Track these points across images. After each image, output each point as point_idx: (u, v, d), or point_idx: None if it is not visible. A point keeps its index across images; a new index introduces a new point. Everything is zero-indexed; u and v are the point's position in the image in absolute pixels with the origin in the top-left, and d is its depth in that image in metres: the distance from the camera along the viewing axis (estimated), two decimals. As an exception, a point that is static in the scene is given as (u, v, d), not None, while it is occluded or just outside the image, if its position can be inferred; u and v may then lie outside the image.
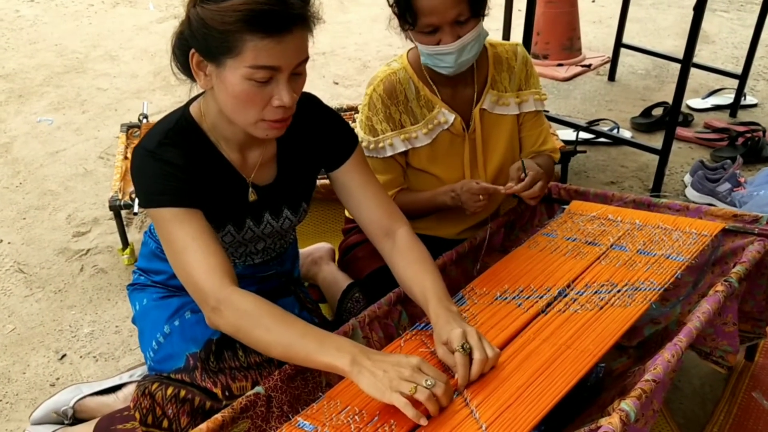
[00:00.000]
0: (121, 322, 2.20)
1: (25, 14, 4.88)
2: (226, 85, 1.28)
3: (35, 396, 1.94)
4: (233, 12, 1.20)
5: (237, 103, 1.29)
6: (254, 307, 1.27)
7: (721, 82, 3.72)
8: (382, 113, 1.81)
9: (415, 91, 1.82)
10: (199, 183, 1.37)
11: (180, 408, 1.40)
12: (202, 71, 1.31)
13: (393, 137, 1.82)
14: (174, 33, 1.34)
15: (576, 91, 3.81)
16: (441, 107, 1.82)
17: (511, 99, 1.88)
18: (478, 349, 1.27)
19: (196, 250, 1.31)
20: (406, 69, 1.82)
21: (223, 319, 1.29)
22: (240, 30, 1.21)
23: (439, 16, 1.63)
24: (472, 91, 1.85)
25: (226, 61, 1.25)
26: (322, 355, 1.21)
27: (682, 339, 1.33)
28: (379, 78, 1.82)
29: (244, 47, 1.22)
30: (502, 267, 1.68)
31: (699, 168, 2.82)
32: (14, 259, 2.51)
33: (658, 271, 1.56)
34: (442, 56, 1.70)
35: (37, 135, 3.38)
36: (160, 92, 3.82)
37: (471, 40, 1.68)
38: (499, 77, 1.87)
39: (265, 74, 1.25)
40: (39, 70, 4.08)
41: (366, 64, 4.18)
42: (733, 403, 1.80)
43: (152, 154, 1.35)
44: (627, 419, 1.14)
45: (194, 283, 1.31)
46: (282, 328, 1.25)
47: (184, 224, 1.33)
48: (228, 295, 1.28)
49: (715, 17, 4.88)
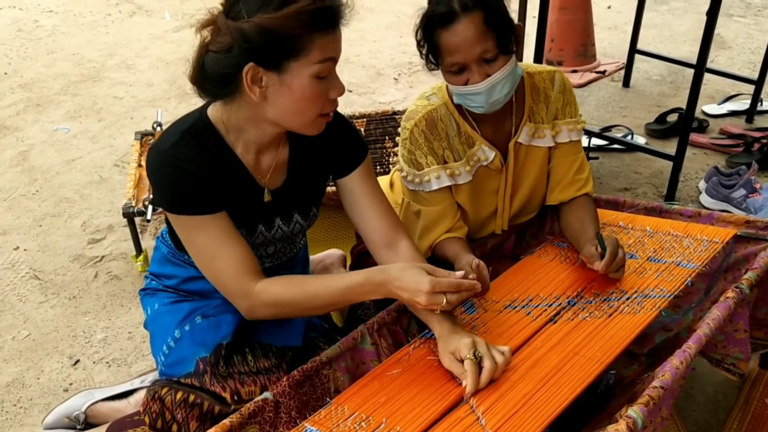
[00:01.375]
0: (134, 328, 2.22)
1: (43, 24, 4.95)
2: (291, 89, 1.31)
3: (49, 401, 1.96)
4: (302, 14, 1.25)
5: (303, 103, 1.34)
6: (282, 296, 1.40)
7: (737, 88, 3.68)
8: (426, 147, 1.73)
9: (456, 127, 1.75)
10: (214, 186, 1.39)
11: (189, 412, 1.42)
12: (256, 84, 1.31)
13: (439, 170, 1.74)
14: (197, 55, 1.32)
15: (590, 98, 3.79)
16: (481, 144, 1.76)
17: (546, 131, 1.80)
18: (488, 358, 1.28)
19: (224, 257, 1.40)
20: (447, 105, 1.75)
21: (262, 310, 1.42)
22: (309, 31, 1.26)
23: (464, 54, 1.56)
24: (512, 125, 1.78)
25: (290, 65, 1.29)
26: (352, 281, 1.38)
27: (691, 346, 1.32)
28: (420, 114, 1.74)
29: (311, 46, 1.27)
30: (512, 276, 1.68)
31: (713, 174, 2.80)
32: (30, 266, 2.54)
33: (668, 279, 1.55)
34: (472, 96, 1.63)
35: (53, 143, 3.42)
36: (175, 100, 3.85)
37: (501, 79, 1.59)
38: (537, 108, 1.79)
39: (330, 66, 1.33)
40: (56, 79, 4.13)
41: (380, 71, 4.19)
42: (746, 411, 1.78)
43: (167, 157, 1.36)
44: (634, 426, 1.13)
45: (226, 286, 1.43)
46: (313, 288, 1.39)
47: (209, 231, 1.39)
48: (259, 291, 1.39)
49: (732, 23, 4.85)
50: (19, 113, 3.74)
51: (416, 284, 1.29)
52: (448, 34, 1.55)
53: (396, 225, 1.56)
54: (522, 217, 1.92)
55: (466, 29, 1.53)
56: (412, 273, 1.31)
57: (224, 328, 1.56)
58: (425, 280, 1.28)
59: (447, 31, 1.55)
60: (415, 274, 1.30)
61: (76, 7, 5.24)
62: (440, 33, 1.57)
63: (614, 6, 5.16)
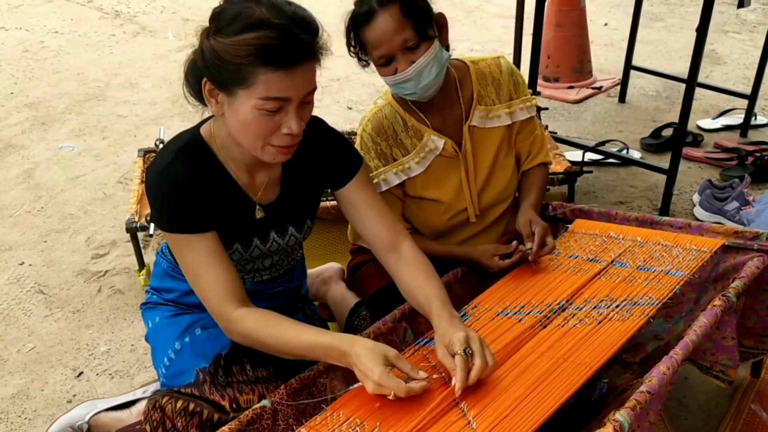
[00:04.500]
0: (136, 340, 2.26)
1: (49, 45, 5.03)
2: (236, 114, 1.33)
3: (53, 412, 1.99)
4: (246, 46, 1.24)
5: (246, 130, 1.34)
6: (259, 323, 1.39)
7: (732, 103, 3.74)
8: (373, 151, 1.86)
9: (402, 123, 1.86)
10: (208, 203, 1.43)
11: (189, 421, 1.45)
12: (213, 98, 1.36)
13: (386, 172, 1.87)
14: (187, 60, 1.40)
15: (587, 113, 3.84)
16: (430, 134, 1.86)
17: (502, 110, 1.91)
18: (479, 356, 1.30)
19: (207, 277, 1.42)
20: (391, 104, 1.87)
21: (236, 337, 1.44)
22: (252, 63, 1.25)
23: (387, 46, 1.67)
24: (461, 111, 1.89)
25: (237, 91, 1.30)
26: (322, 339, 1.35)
27: (678, 352, 1.35)
28: (367, 118, 1.88)
29: (256, 80, 1.27)
30: (505, 284, 1.72)
31: (707, 187, 2.84)
32: (35, 281, 2.58)
33: (657, 287, 1.58)
34: (403, 84, 1.73)
35: (58, 161, 3.48)
36: (177, 119, 3.91)
37: (426, 64, 1.69)
38: (485, 92, 1.90)
39: (275, 105, 1.31)
40: (62, 98, 4.20)
41: (379, 89, 4.22)
42: (737, 419, 1.80)
43: (163, 176, 1.41)
44: (621, 429, 1.16)
45: (208, 306, 1.45)
46: (284, 334, 1.38)
47: (197, 250, 1.42)
48: (237, 317, 1.40)
49: (727, 39, 4.91)
50: (25, 132, 3.80)
51: (368, 371, 1.26)
52: (370, 30, 1.67)
53: (396, 229, 1.59)
54: (497, 206, 1.99)
55: (386, 22, 1.65)
56: (370, 358, 1.27)
57: (223, 339, 1.59)
58: (377, 371, 1.25)
59: (369, 27, 1.67)
60: (372, 360, 1.26)
61: (81, 28, 5.33)
62: (364, 30, 1.68)
63: (611, 23, 5.23)
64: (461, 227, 1.98)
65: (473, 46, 4.82)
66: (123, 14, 5.62)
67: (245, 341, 1.42)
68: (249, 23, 1.25)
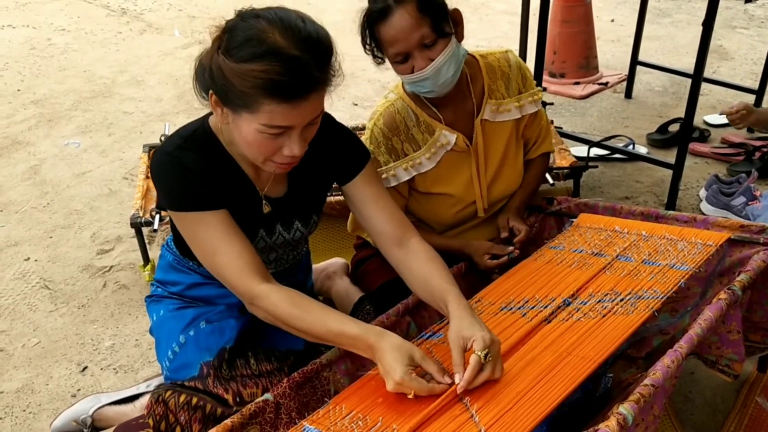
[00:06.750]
0: (141, 335, 2.26)
1: (56, 42, 5.04)
2: (239, 131, 1.32)
3: (57, 407, 1.99)
4: (252, 78, 1.22)
5: (248, 146, 1.35)
6: (286, 301, 1.36)
7: (739, 98, 3.70)
8: (384, 146, 1.84)
9: (414, 117, 1.84)
10: (216, 187, 1.42)
11: (192, 415, 1.45)
12: (219, 108, 1.34)
13: (396, 167, 1.85)
14: (196, 59, 1.35)
15: (593, 109, 3.83)
16: (441, 129, 1.84)
17: (511, 104, 1.90)
18: (492, 365, 1.28)
19: (226, 252, 1.39)
20: (403, 98, 1.85)
21: (260, 313, 1.40)
22: (258, 94, 1.24)
23: (404, 43, 1.64)
24: (472, 105, 1.87)
25: (242, 113, 1.29)
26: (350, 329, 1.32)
27: (682, 345, 1.34)
28: (378, 112, 1.86)
29: (260, 108, 1.26)
30: (509, 279, 1.71)
31: (714, 182, 2.82)
32: (40, 276, 2.59)
33: (662, 281, 1.57)
34: (421, 82, 1.71)
35: (64, 157, 3.49)
36: (183, 115, 3.91)
37: (444, 61, 1.68)
38: (495, 85, 1.89)
39: (278, 131, 1.30)
40: (68, 95, 4.21)
41: (385, 85, 4.24)
42: (744, 414, 1.79)
43: (171, 156, 1.40)
44: (624, 423, 1.15)
45: (228, 283, 1.41)
46: (311, 317, 1.35)
47: (210, 226, 1.40)
48: (261, 292, 1.37)
49: (734, 34, 4.88)
50: (32, 128, 3.81)
51: (391, 370, 1.25)
52: (386, 27, 1.64)
53: (404, 224, 1.58)
54: (505, 200, 2.00)
55: (402, 19, 1.62)
56: (394, 357, 1.25)
57: (228, 332, 1.59)
58: (400, 371, 1.24)
59: (385, 24, 1.64)
60: (396, 359, 1.25)
61: (87, 25, 5.34)
62: (380, 27, 1.66)
63: (617, 19, 5.20)
64: (468, 220, 1.97)
65: (479, 43, 4.80)
66: (129, 12, 5.63)
67: (269, 318, 1.39)
68: (258, 52, 1.22)
